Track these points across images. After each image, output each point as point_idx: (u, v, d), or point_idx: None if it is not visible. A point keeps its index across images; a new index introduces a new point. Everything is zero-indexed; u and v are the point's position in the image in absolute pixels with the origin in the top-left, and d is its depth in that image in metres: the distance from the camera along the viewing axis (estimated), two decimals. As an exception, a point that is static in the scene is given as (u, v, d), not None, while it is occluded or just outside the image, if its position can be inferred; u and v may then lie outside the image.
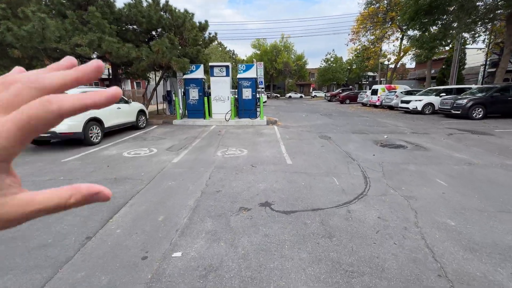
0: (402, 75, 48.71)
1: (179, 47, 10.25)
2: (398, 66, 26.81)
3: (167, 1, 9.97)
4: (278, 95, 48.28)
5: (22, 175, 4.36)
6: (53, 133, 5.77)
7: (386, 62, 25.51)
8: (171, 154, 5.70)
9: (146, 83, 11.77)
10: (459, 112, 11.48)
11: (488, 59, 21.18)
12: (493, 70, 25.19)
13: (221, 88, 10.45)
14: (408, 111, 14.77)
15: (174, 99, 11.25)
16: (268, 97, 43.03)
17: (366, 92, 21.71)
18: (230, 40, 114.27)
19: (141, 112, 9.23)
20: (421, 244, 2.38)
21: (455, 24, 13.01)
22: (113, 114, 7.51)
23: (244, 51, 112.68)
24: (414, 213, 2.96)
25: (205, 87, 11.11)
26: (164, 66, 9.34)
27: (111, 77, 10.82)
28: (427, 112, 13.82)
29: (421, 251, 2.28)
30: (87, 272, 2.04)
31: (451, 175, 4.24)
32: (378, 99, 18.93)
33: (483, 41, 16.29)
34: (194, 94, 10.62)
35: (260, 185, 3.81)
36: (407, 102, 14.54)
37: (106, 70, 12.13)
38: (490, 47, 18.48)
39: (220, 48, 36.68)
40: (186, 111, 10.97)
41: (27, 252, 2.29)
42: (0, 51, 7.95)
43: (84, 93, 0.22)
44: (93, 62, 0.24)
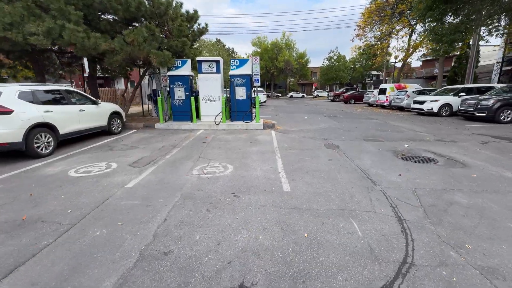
0: (407, 74, 47.00)
1: (163, 39, 8.87)
2: (405, 64, 25.31)
3: (148, -14, 8.59)
4: (279, 95, 46.83)
5: None
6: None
7: (393, 60, 23.98)
8: (131, 173, 4.32)
9: (128, 82, 10.45)
10: (484, 114, 10.02)
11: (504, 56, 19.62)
12: (507, 68, 23.61)
13: (210, 87, 9.07)
14: (421, 113, 13.31)
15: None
16: (268, 97, 41.58)
17: (372, 91, 20.25)
18: (231, 39, 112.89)
19: (115, 115, 7.86)
20: None
21: (474, 16, 11.54)
22: (73, 118, 6.15)
23: (245, 49, 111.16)
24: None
25: (193, 85, 9.73)
26: (142, 60, 7.96)
27: (87, 75, 9.44)
28: (444, 114, 12.35)
29: None
30: None
31: (528, 215, 2.83)
32: (387, 99, 17.46)
33: (502, 36, 14.73)
34: (180, 93, 9.24)
35: (238, 238, 2.42)
36: (421, 102, 13.08)
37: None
38: (509, 42, 16.93)
39: (218, 46, 35.27)
40: (171, 113, 9.59)
41: None
42: None
43: None
44: None
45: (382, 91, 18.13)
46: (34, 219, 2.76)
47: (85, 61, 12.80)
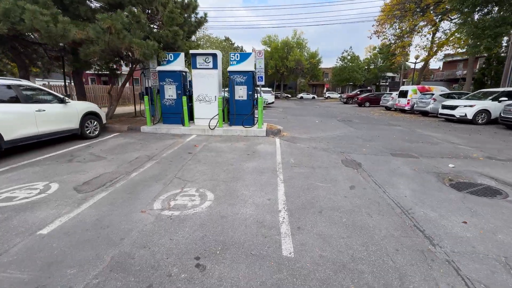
0: (424, 76, 44.35)
1: (153, 28, 7.62)
2: (422, 65, 23.20)
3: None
4: (289, 95, 45.24)
5: None
6: None
7: (413, 60, 22.01)
8: (67, 204, 3.02)
9: (113, 78, 9.29)
10: (537, 124, 8.23)
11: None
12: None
13: (206, 85, 7.74)
14: (451, 119, 11.54)
15: (153, 98, 8.67)
16: (277, 97, 40.06)
17: (391, 94, 18.43)
18: (241, 38, 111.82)
19: (91, 116, 6.66)
20: None
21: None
22: (27, 119, 4.95)
23: (256, 48, 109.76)
24: None
25: (187, 83, 8.44)
26: (125, 52, 6.72)
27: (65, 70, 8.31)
28: (480, 121, 10.56)
29: None
30: None
31: None
32: (408, 103, 15.68)
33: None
34: (170, 92, 7.96)
35: None
36: (452, 107, 11.31)
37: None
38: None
39: (226, 44, 34.09)
40: (161, 115, 8.33)
41: None
42: None
43: None
44: None
45: (403, 94, 16.34)
46: None
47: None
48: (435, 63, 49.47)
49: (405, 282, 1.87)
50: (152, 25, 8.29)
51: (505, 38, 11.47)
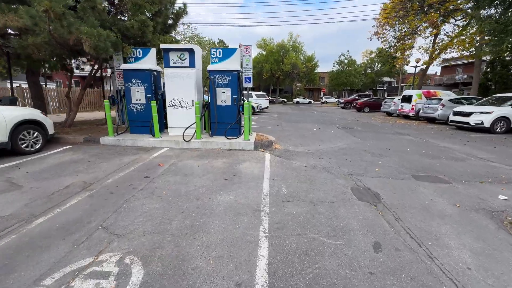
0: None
1: (117, 19, 6.25)
2: (422, 69, 22.14)
3: None
4: (285, 100, 44.08)
5: None
6: None
7: (413, 64, 20.99)
8: None
9: (70, 78, 7.78)
10: None
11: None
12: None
13: (181, 87, 6.36)
14: (463, 127, 10.32)
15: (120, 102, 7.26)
16: (272, 102, 38.82)
17: (393, 99, 17.28)
18: (236, 41, 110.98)
19: (30, 125, 5.21)
20: None
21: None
22: None
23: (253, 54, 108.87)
24: None
25: (160, 85, 7.05)
26: (78, 45, 5.30)
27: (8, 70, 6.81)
28: (499, 130, 9.35)
29: None
30: None
31: None
32: (412, 109, 14.50)
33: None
34: (138, 95, 6.55)
35: None
36: (466, 114, 10.10)
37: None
38: None
39: (217, 46, 32.81)
40: (128, 122, 6.90)
41: None
42: None
43: None
44: None
45: (406, 99, 15.18)
46: None
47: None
48: (432, 68, 48.91)
49: None
50: (120, 16, 6.91)
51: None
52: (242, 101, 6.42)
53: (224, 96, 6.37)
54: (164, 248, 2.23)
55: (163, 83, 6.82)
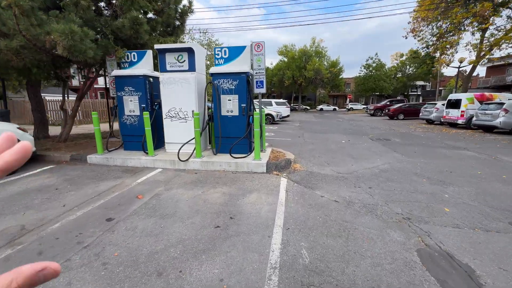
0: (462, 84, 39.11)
1: (107, 18, 5.41)
2: (464, 71, 19.11)
3: None
4: (308, 108, 42.21)
5: None
6: None
7: (454, 64, 18.31)
8: None
9: (64, 88, 7.12)
10: None
11: None
12: None
13: (180, 95, 5.28)
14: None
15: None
16: (294, 110, 37.19)
17: (435, 104, 14.92)
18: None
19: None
20: None
21: None
22: None
23: (271, 59, 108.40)
24: None
25: (158, 93, 6.07)
26: (49, 47, 4.46)
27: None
28: None
29: None
30: None
31: None
32: (462, 115, 12.19)
33: None
34: (132, 105, 5.60)
35: None
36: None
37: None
38: None
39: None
40: (122, 137, 5.96)
41: None
42: None
43: None
44: (20, 146, 0.22)
45: (453, 104, 12.89)
46: None
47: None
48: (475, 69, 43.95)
49: None
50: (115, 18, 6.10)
51: None
52: (252, 111, 5.16)
53: (230, 105, 5.16)
54: None
55: (162, 91, 5.80)
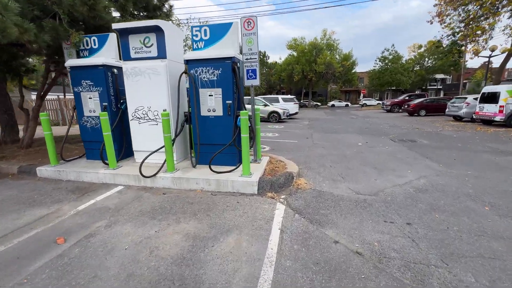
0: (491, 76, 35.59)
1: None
2: (486, 62, 16.79)
3: None
4: (319, 104, 40.34)
5: None
6: None
7: (488, 53, 16.16)
8: None
9: (15, 80, 6.01)
10: None
11: None
12: None
13: (148, 90, 4.08)
14: None
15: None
16: (305, 106, 35.48)
17: (465, 98, 13.05)
18: (271, 49, 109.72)
19: None
20: None
21: None
22: None
23: (280, 54, 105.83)
24: None
25: (122, 88, 4.88)
26: None
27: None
28: None
29: None
30: None
31: None
32: (501, 111, 10.40)
33: None
34: (92, 104, 4.46)
35: None
36: None
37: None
38: None
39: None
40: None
41: None
42: None
43: None
44: None
45: (489, 98, 11.07)
46: None
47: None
48: (496, 59, 40.29)
49: None
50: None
51: None
52: (237, 111, 3.89)
53: (212, 102, 3.91)
54: None
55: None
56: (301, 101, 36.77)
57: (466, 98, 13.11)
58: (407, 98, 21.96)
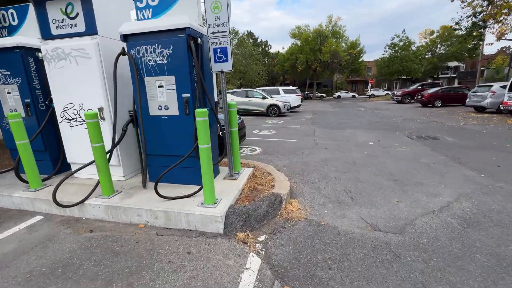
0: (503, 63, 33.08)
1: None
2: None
3: None
4: (324, 95, 38.62)
5: None
6: None
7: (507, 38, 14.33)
8: None
9: None
10: None
11: None
12: None
13: (76, 80, 2.94)
14: None
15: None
16: (309, 98, 33.90)
17: (491, 86, 11.51)
18: (266, 34, 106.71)
19: None
20: None
21: None
22: None
23: (283, 44, 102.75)
24: None
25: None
26: None
27: None
28: None
29: None
30: None
31: None
32: (537, 101, 8.90)
33: None
34: (12, 101, 3.34)
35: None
36: None
37: None
38: None
39: (246, 39, 29.25)
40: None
41: None
42: None
43: None
44: None
45: (521, 85, 9.55)
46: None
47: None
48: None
49: None
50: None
51: None
52: (215, 106, 2.70)
53: (163, 96, 2.73)
54: None
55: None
56: (305, 92, 35.15)
57: (491, 86, 11.54)
58: (419, 87, 20.27)
